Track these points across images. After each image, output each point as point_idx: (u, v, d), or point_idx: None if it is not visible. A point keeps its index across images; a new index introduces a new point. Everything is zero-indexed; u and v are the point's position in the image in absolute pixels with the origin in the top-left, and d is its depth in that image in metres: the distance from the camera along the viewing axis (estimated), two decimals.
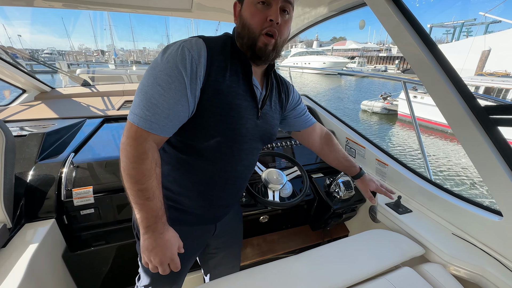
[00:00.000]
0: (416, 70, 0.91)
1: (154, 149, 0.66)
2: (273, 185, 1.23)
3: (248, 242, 1.56)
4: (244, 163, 0.83)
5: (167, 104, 0.62)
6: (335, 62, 27.42)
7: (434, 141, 9.09)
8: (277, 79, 0.90)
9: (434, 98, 0.92)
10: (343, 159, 1.13)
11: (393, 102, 11.95)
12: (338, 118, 1.76)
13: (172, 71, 0.62)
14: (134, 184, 0.63)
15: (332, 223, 1.55)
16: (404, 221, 1.13)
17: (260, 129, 0.81)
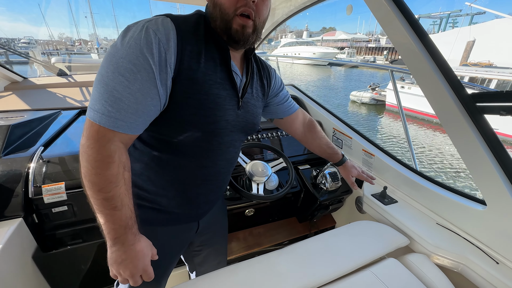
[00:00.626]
0: (404, 57, 0.88)
1: (122, 150, 0.57)
2: (257, 177, 1.19)
3: (234, 236, 1.53)
4: (226, 157, 0.78)
5: (134, 98, 0.54)
6: (325, 53, 27.35)
7: (418, 131, 9.31)
8: (258, 63, 0.83)
9: (422, 86, 0.90)
10: (326, 146, 1.11)
11: (381, 93, 12.09)
12: (325, 108, 1.72)
13: (137, 58, 0.53)
14: (98, 192, 0.55)
15: (318, 215, 1.53)
16: (390, 211, 1.12)
17: (241, 120, 0.75)
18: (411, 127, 9.56)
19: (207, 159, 0.73)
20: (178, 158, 0.70)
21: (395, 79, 1.46)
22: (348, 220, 1.61)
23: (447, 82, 0.83)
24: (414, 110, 9.86)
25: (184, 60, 0.59)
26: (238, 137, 0.78)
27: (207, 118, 0.65)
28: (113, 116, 0.53)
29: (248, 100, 0.76)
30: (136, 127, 0.57)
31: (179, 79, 0.59)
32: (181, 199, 0.77)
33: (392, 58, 31.40)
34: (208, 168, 0.75)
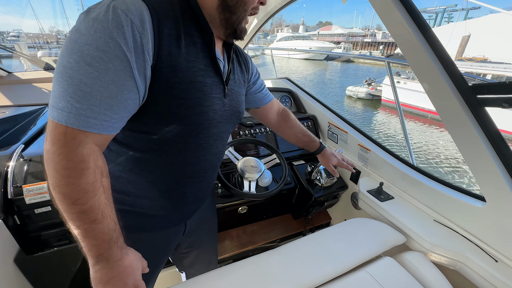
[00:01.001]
0: (403, 48, 0.84)
1: (97, 154, 0.49)
2: (249, 174, 1.14)
3: (227, 234, 1.49)
4: (213, 151, 0.72)
5: (107, 92, 0.46)
6: (321, 47, 27.17)
7: (413, 126, 9.35)
8: (235, 49, 0.78)
9: (420, 77, 0.86)
10: (302, 134, 1.08)
11: (377, 88, 12.08)
12: (321, 102, 1.68)
13: (106, 44, 0.45)
14: (72, 205, 0.47)
15: (313, 211, 1.50)
16: (386, 208, 1.09)
17: (228, 109, 0.70)
18: (407, 122, 9.59)
19: (194, 155, 0.68)
20: (161, 156, 0.64)
21: (392, 71, 1.41)
22: (343, 216, 1.58)
23: (447, 73, 0.79)
24: (410, 105, 9.88)
25: (163, 45, 0.53)
26: (226, 128, 0.73)
27: (194, 109, 0.59)
28: (83, 114, 0.45)
29: (232, 88, 0.71)
30: (112, 126, 0.50)
31: (159, 67, 0.53)
32: (165, 200, 0.72)
33: (388, 53, 31.38)
34: (194, 165, 0.70)
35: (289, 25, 73.31)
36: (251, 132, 1.48)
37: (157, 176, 0.67)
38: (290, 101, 1.81)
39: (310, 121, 1.65)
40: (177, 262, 1.04)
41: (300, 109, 1.78)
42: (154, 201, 0.70)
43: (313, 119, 1.66)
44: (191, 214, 0.84)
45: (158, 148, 0.63)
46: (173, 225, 0.81)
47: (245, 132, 1.46)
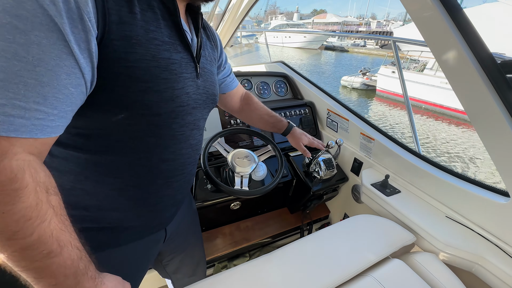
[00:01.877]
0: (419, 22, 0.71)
1: (34, 165, 0.35)
2: (241, 169, 1.01)
3: (219, 232, 1.38)
4: (190, 143, 0.59)
5: (34, 76, 0.32)
6: (316, 36, 26.71)
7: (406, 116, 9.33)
8: (203, 20, 0.65)
9: (438, 55, 0.74)
10: (267, 116, 1.03)
11: (372, 78, 11.97)
12: (319, 87, 1.54)
13: (21, 6, 0.30)
14: (10, 241, 0.33)
15: (311, 205, 1.39)
16: (392, 204, 0.99)
17: (203, 92, 0.57)
18: (401, 112, 9.58)
19: (169, 150, 0.55)
20: (126, 156, 0.50)
21: (397, 51, 1.28)
22: (343, 210, 1.48)
23: (470, 48, 0.67)
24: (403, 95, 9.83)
25: (110, 9, 0.38)
26: (202, 114, 0.60)
27: (162, 94, 0.46)
28: (0, 112, 0.31)
29: (204, 66, 0.58)
30: (51, 125, 0.35)
31: (109, 39, 0.39)
32: (139, 209, 0.58)
33: (382, 42, 31.15)
34: (170, 162, 0.56)
35: (283, 13, 71.61)
36: (243, 121, 1.34)
37: (124, 181, 0.53)
38: (285, 87, 1.67)
39: (307, 108, 1.52)
40: (160, 270, 0.92)
41: (296, 95, 1.64)
42: (124, 212, 0.57)
43: (311, 105, 1.53)
44: (170, 218, 0.71)
45: (121, 147, 0.49)
46: (152, 233, 0.68)
47: (236, 121, 1.32)
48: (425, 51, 10.29)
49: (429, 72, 9.47)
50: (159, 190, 0.59)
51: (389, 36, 1.40)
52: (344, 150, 1.39)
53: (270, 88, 1.63)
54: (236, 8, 2.07)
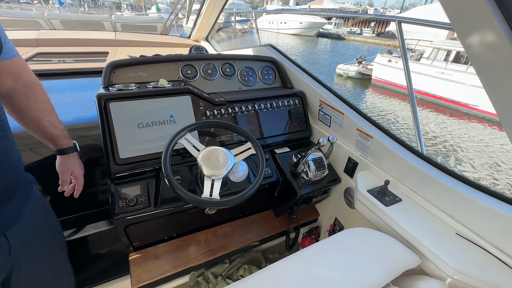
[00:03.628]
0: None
1: None
2: (211, 171, 0.83)
3: (192, 239, 1.21)
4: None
5: None
6: (312, 22, 25.93)
7: (404, 106, 9.25)
8: None
9: (462, 35, 0.55)
10: (49, 123, 0.76)
11: (367, 67, 11.74)
12: (311, 75, 1.34)
13: None
14: None
15: (299, 210, 1.23)
16: (392, 216, 0.83)
17: None
18: (395, 102, 9.47)
19: None
20: None
21: (402, 33, 1.08)
22: (334, 214, 1.33)
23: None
24: (401, 86, 9.70)
25: None
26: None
27: None
28: None
29: None
30: None
31: None
32: None
33: (378, 30, 30.59)
34: None
35: None
36: (221, 113, 1.14)
37: None
38: (273, 73, 1.46)
39: (297, 99, 1.33)
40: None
41: (285, 84, 1.44)
42: None
43: (301, 95, 1.33)
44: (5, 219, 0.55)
45: None
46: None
47: (213, 113, 1.12)
48: (423, 40, 10.11)
49: (425, 62, 9.31)
50: None
51: (393, 16, 1.20)
52: (337, 148, 1.22)
53: (256, 74, 1.42)
54: None
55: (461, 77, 8.31)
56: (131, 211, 0.91)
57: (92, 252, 1.17)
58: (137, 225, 1.00)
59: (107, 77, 1.09)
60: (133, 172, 0.98)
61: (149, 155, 0.99)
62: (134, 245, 1.10)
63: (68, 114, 1.20)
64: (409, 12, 16.16)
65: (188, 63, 1.27)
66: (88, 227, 1.09)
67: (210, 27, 2.51)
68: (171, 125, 1.03)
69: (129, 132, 0.96)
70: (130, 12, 23.38)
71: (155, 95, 1.02)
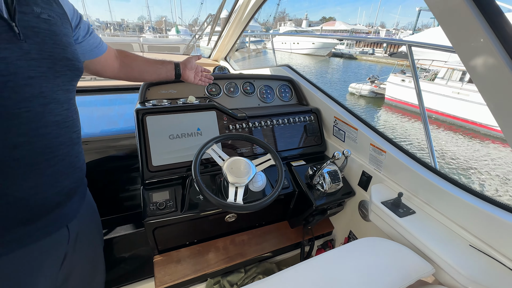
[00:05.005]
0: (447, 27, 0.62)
1: None
2: (235, 179, 0.91)
3: (212, 246, 1.27)
4: (50, 120, 0.52)
5: None
6: (324, 42, 26.67)
7: (416, 124, 9.10)
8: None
9: (464, 59, 0.63)
10: (153, 61, 1.02)
11: (380, 86, 11.79)
12: (326, 93, 1.44)
13: None
14: None
15: (314, 221, 1.28)
16: (406, 226, 0.86)
17: (40, 57, 0.49)
18: (412, 122, 9.35)
19: (13, 133, 0.47)
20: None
21: (413, 56, 1.17)
22: (348, 227, 1.36)
23: (508, 53, 0.56)
24: (415, 105, 9.63)
25: None
26: (55, 84, 0.53)
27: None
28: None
29: (36, 25, 0.50)
30: None
31: None
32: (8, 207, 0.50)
33: (391, 51, 30.89)
34: (25, 146, 0.49)
35: (292, 20, 71.90)
36: (243, 127, 1.25)
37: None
38: (290, 91, 1.57)
39: (312, 115, 1.42)
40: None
41: (301, 101, 1.54)
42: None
43: (316, 112, 1.42)
44: (68, 212, 0.63)
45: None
46: (44, 234, 0.59)
47: (235, 127, 1.23)
48: (437, 60, 10.11)
49: (440, 82, 9.26)
50: (19, 183, 0.50)
51: (404, 40, 1.30)
52: (351, 162, 1.28)
53: (273, 92, 1.53)
54: (242, 10, 2.00)
55: (478, 97, 8.16)
56: (160, 214, 1.00)
57: (119, 254, 1.26)
58: (164, 228, 1.08)
59: (143, 93, 1.23)
60: (162, 179, 1.08)
61: (178, 163, 1.09)
62: (159, 248, 1.17)
63: (99, 126, 1.34)
64: (422, 34, 16.29)
65: (213, 81, 1.40)
66: (118, 228, 1.18)
67: (229, 48, 2.70)
68: (198, 137, 1.14)
69: (161, 142, 1.07)
70: (151, 34, 25.02)
71: (184, 110, 1.15)
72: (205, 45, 3.68)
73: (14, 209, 0.51)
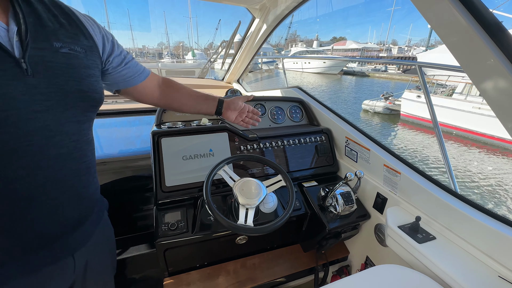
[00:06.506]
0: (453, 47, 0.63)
1: None
2: (246, 200, 0.91)
3: (222, 269, 1.24)
4: (52, 153, 0.53)
5: None
6: (335, 61, 27.06)
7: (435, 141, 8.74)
8: (46, 5, 0.56)
9: (476, 80, 0.63)
10: (196, 94, 0.94)
11: (395, 102, 11.61)
12: (336, 113, 1.44)
13: None
14: None
15: (328, 245, 1.23)
16: (427, 254, 0.81)
17: (48, 91, 0.50)
18: (428, 138, 9.02)
19: (11, 165, 0.48)
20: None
21: (424, 77, 1.17)
22: (365, 252, 1.29)
23: None
24: (431, 121, 9.34)
25: None
26: (64, 115, 0.54)
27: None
28: None
29: (50, 60, 0.51)
30: None
31: None
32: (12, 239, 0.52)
33: (404, 67, 30.70)
34: (23, 178, 0.49)
35: (303, 40, 74.13)
36: (254, 147, 1.26)
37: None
38: (301, 112, 1.59)
39: (324, 135, 1.41)
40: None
41: (312, 121, 1.55)
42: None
43: (327, 132, 1.42)
44: (73, 242, 0.63)
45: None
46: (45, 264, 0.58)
47: (246, 147, 1.25)
48: (453, 75, 9.91)
49: (459, 97, 8.99)
50: (25, 213, 0.51)
51: (413, 61, 1.30)
52: (365, 183, 1.24)
53: (284, 113, 1.56)
54: (255, 35, 2.10)
55: None
56: (171, 235, 1.01)
57: (130, 275, 1.26)
58: (174, 249, 1.08)
59: (159, 116, 1.29)
60: (174, 199, 1.09)
61: (190, 184, 1.11)
62: (170, 270, 1.16)
63: (117, 147, 1.41)
64: (436, 50, 16.16)
65: None
66: (130, 249, 1.20)
67: (242, 71, 2.81)
68: (210, 158, 1.16)
69: (175, 163, 1.11)
70: (169, 59, 26.56)
71: (197, 132, 1.19)
72: (219, 68, 3.85)
73: (16, 239, 0.52)
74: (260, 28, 1.97)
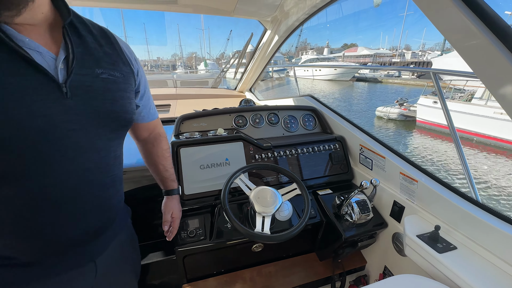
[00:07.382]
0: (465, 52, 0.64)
1: None
2: (262, 208, 0.94)
3: (238, 276, 1.26)
4: (80, 167, 0.57)
5: None
6: (347, 68, 26.86)
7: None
8: (93, 34, 0.61)
9: (490, 86, 0.63)
10: (163, 170, 0.92)
11: (410, 108, 11.31)
12: (350, 121, 1.45)
13: None
14: None
15: (344, 253, 1.22)
16: (448, 264, 0.80)
17: (83, 112, 0.55)
18: (447, 145, 8.68)
19: (40, 175, 0.52)
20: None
21: (439, 83, 1.16)
22: (383, 261, 1.27)
23: None
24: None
25: None
26: (96, 132, 0.59)
27: (8, 122, 0.47)
28: None
29: (90, 84, 0.56)
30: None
31: None
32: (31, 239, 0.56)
33: (419, 73, 30.01)
34: (49, 186, 0.54)
35: (314, 48, 74.41)
36: (268, 156, 1.29)
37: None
38: (314, 120, 1.61)
39: (337, 143, 1.42)
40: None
41: (325, 129, 1.56)
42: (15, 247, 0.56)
43: (341, 140, 1.43)
44: (95, 248, 0.67)
45: None
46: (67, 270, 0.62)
47: (261, 156, 1.28)
48: (472, 80, 9.57)
49: (478, 102, 8.65)
50: (49, 218, 0.56)
51: (428, 68, 1.30)
52: (381, 191, 1.23)
53: (297, 121, 1.58)
54: (266, 46, 2.16)
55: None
56: (190, 242, 1.04)
57: (150, 281, 1.30)
58: (193, 256, 1.11)
59: (177, 127, 1.35)
60: (193, 207, 1.13)
61: (207, 192, 1.15)
62: (188, 277, 1.19)
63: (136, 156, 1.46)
64: (451, 54, 15.72)
65: (240, 114, 1.50)
66: (150, 255, 1.24)
67: (254, 80, 2.88)
68: (226, 167, 1.20)
69: (193, 172, 1.15)
70: (183, 69, 27.36)
71: (214, 141, 1.23)
72: (231, 77, 3.96)
73: (43, 243, 0.57)
74: (271, 39, 2.04)
